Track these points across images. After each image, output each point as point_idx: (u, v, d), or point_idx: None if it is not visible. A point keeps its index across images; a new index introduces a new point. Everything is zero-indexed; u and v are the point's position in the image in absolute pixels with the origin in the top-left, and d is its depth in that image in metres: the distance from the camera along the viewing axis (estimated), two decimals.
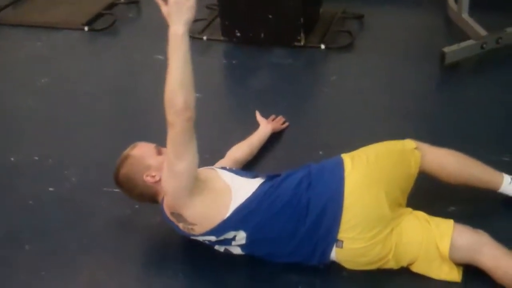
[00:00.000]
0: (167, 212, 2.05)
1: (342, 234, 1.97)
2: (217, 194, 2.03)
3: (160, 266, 2.16)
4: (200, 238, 2.07)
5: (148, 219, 2.32)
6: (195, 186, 1.97)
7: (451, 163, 2.17)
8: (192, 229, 2.01)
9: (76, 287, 2.10)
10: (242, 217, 1.99)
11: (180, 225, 2.03)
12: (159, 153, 2.10)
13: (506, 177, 2.21)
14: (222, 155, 2.51)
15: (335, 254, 2.00)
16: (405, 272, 2.02)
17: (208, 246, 2.12)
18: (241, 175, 2.15)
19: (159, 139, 2.60)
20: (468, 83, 3.12)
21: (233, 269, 2.09)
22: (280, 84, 3.23)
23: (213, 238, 2.03)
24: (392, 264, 2.01)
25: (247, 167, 2.52)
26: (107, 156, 2.73)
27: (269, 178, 2.12)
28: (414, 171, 2.10)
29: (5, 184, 2.64)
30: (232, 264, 2.10)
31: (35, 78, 3.42)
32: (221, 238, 2.03)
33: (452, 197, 2.27)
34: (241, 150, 2.57)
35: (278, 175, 2.14)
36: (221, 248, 2.10)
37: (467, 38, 3.26)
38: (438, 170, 2.15)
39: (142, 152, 2.13)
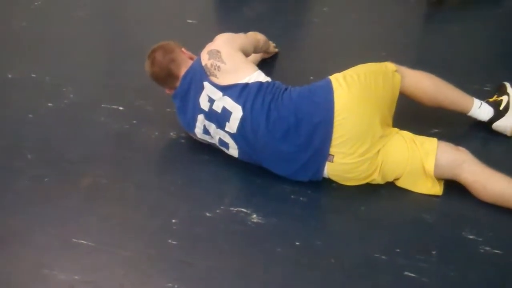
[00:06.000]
0: (205, 52, 2.24)
1: (333, 149, 2.08)
2: (250, 63, 2.27)
3: (159, 173, 2.29)
4: (207, 93, 2.19)
5: (147, 133, 2.43)
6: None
7: (427, 85, 2.27)
8: (218, 67, 2.18)
9: (78, 191, 2.21)
10: (247, 94, 2.13)
11: (209, 63, 2.20)
12: None
13: (476, 102, 2.32)
14: None
15: (326, 169, 2.13)
16: (390, 185, 2.16)
17: (205, 160, 2.27)
18: None
19: None
20: (453, 18, 3.22)
21: (229, 179, 2.22)
22: (272, 13, 3.28)
23: (218, 95, 2.16)
24: (378, 180, 2.15)
25: None
26: (103, 75, 2.84)
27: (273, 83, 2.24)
28: (396, 91, 2.19)
29: (3, 98, 2.72)
30: (228, 175, 2.23)
31: (28, 1, 3.43)
32: (220, 105, 2.15)
33: (434, 121, 2.40)
34: None
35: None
36: (216, 137, 2.22)
37: None
38: (414, 91, 2.25)
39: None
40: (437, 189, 2.12)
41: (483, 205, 2.06)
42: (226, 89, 2.16)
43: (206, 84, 2.19)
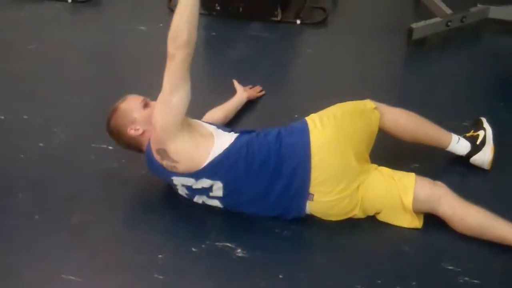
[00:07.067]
0: (154, 149, 2.17)
1: (313, 188, 2.14)
2: (201, 137, 2.18)
3: (146, 210, 2.33)
4: (180, 182, 2.20)
5: (135, 171, 2.48)
6: (184, 124, 2.12)
7: (406, 121, 2.35)
8: (174, 167, 2.14)
9: (68, 228, 2.25)
10: (219, 169, 2.14)
11: (164, 163, 2.16)
12: (146, 106, 2.25)
13: (454, 137, 2.41)
14: (199, 118, 2.66)
15: (308, 207, 2.18)
16: (371, 219, 2.22)
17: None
18: (220, 128, 2.30)
19: None
20: (433, 57, 3.33)
21: (214, 215, 2.27)
22: (257, 55, 3.39)
23: (191, 181, 2.18)
24: (359, 215, 2.21)
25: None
26: (93, 115, 2.88)
27: (243, 132, 2.26)
28: (375, 128, 2.27)
29: None
30: (213, 211, 2.27)
31: (22, 45, 3.53)
32: (199, 186, 2.18)
33: (414, 156, 2.47)
34: (217, 114, 2.70)
35: (252, 131, 2.29)
36: (200, 200, 2.27)
37: (434, 16, 3.46)
38: (393, 128, 2.32)
39: (129, 106, 2.27)
40: (416, 223, 2.18)
41: (462, 237, 2.11)
42: (196, 175, 2.16)
43: (174, 178, 2.20)
